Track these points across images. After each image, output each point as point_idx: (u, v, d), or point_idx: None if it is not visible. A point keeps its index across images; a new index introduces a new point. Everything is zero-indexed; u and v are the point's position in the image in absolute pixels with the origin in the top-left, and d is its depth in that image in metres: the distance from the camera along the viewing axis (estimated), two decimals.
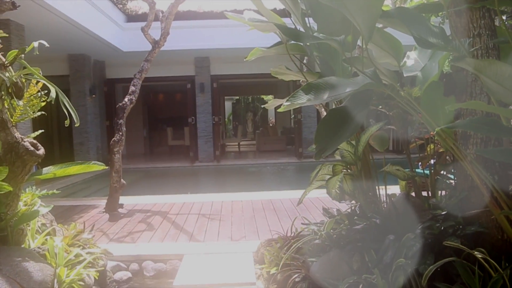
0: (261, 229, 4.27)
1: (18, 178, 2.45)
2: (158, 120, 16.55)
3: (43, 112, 2.97)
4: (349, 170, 2.84)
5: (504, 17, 3.11)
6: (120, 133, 5.13)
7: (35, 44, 2.37)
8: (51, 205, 2.84)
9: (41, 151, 2.50)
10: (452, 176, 2.65)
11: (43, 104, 2.95)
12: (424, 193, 2.79)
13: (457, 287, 1.88)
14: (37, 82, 2.87)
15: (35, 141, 2.54)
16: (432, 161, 2.83)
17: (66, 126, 2.57)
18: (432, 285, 1.90)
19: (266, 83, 16.41)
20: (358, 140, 2.66)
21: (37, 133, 3.02)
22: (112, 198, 5.11)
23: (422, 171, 2.96)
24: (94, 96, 10.89)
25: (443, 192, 2.67)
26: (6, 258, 2.19)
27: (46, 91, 2.73)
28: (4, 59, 2.29)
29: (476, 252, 1.87)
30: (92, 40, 8.82)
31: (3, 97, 2.31)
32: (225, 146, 15.08)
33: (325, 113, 5.13)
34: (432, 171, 2.71)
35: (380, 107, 2.83)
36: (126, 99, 5.24)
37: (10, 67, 2.33)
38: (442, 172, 2.74)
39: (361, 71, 2.00)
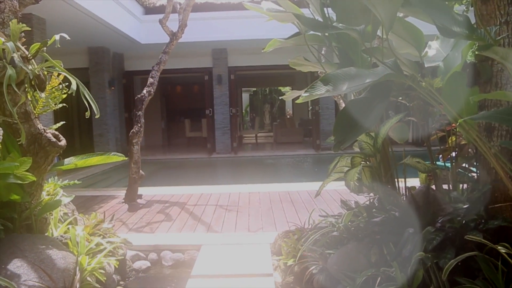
0: (279, 220, 4.28)
1: (41, 169, 2.51)
2: (175, 112, 16.67)
3: (64, 104, 3.03)
4: (368, 162, 2.80)
5: None
6: (139, 125, 5.19)
7: (57, 37, 2.40)
8: (72, 195, 2.91)
9: (63, 142, 2.55)
10: (474, 169, 2.59)
11: (64, 96, 3.01)
12: (445, 186, 2.73)
13: (479, 282, 1.85)
14: (59, 74, 2.92)
15: (57, 133, 2.59)
16: (453, 154, 2.77)
17: (86, 117, 2.61)
18: (452, 280, 1.87)
19: (284, 74, 16.32)
20: (378, 132, 2.62)
21: (58, 124, 3.09)
22: (131, 189, 5.20)
23: (443, 163, 2.90)
24: (113, 88, 11.05)
25: (465, 186, 2.62)
26: (31, 246, 2.26)
27: (67, 83, 2.78)
28: (27, 52, 2.33)
29: (499, 247, 1.83)
30: (111, 33, 8.92)
31: (26, 90, 2.36)
32: (242, 138, 15.12)
33: (343, 105, 5.07)
34: (454, 163, 2.65)
35: (400, 98, 2.77)
36: (144, 91, 5.29)
37: (33, 60, 2.38)
38: (463, 165, 2.68)
39: (381, 62, 1.95)
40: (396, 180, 2.82)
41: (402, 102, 2.79)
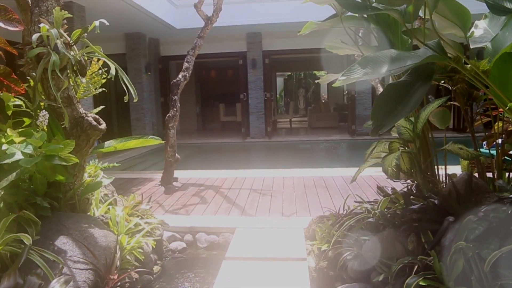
0: (312, 205, 4.26)
1: (83, 151, 2.62)
2: (210, 97, 16.82)
3: (103, 89, 3.12)
4: (406, 148, 2.72)
5: None
6: (175, 109, 5.28)
7: (96, 23, 2.46)
8: (112, 177, 3.01)
9: (103, 125, 2.64)
10: None
11: (103, 81, 3.11)
12: (489, 175, 2.61)
13: None
14: (98, 60, 3.01)
15: (97, 116, 2.68)
16: (499, 140, 2.63)
17: (125, 102, 2.68)
18: (495, 272, 1.80)
19: (319, 58, 15.98)
20: (418, 117, 2.52)
21: (98, 108, 3.19)
22: (167, 172, 5.33)
23: (487, 150, 2.76)
24: (149, 73, 11.27)
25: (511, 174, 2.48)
26: (75, 224, 2.37)
27: (106, 69, 2.86)
28: (69, 39, 2.41)
29: None
30: (147, 18, 9.05)
31: (69, 75, 2.44)
32: (276, 122, 15.07)
33: (381, 89, 4.92)
34: (499, 151, 2.52)
35: (442, 82, 2.65)
36: (180, 76, 5.36)
37: (74, 46, 2.45)
38: (510, 152, 2.54)
39: (423, 43, 1.87)
40: (436, 167, 2.73)
41: (443, 86, 2.67)
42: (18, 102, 2.50)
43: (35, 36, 2.23)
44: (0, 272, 1.84)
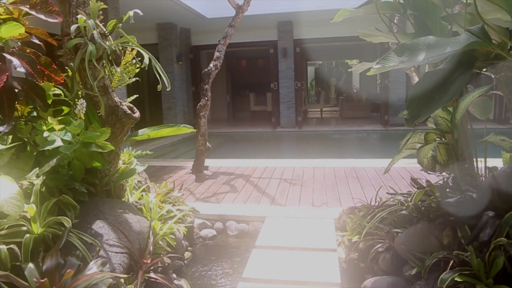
0: (343, 196, 4.21)
1: (118, 139, 2.69)
2: (240, 86, 16.83)
3: (137, 78, 3.18)
4: (443, 139, 2.62)
5: None
6: (206, 98, 5.32)
7: (131, 13, 2.50)
8: (145, 165, 3.09)
9: (137, 114, 2.69)
10: None
11: (137, 70, 3.16)
12: None
13: None
14: (132, 50, 3.06)
15: (131, 105, 2.74)
16: None
17: (157, 91, 2.73)
18: None
19: (351, 46, 15.65)
20: (456, 107, 2.42)
21: (132, 97, 3.26)
22: (198, 160, 5.40)
23: None
24: (180, 63, 11.40)
25: None
26: (111, 209, 2.45)
27: (139, 58, 2.91)
28: (105, 29, 2.46)
29: None
30: (179, 8, 9.12)
31: (104, 65, 2.50)
32: (307, 112, 14.93)
33: (416, 78, 4.76)
34: None
35: (484, 69, 2.52)
36: (211, 65, 5.39)
37: (109, 36, 2.51)
38: None
39: (465, 29, 1.78)
40: (474, 159, 2.62)
41: (484, 74, 2.54)
42: (58, 91, 2.60)
43: (73, 27, 2.29)
44: (44, 252, 1.93)
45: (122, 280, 2.07)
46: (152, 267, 2.36)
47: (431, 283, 1.99)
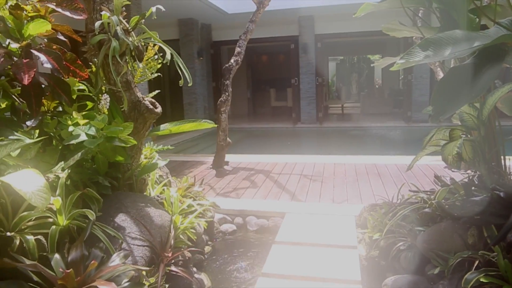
0: (364, 193, 4.16)
1: (140, 134, 2.73)
2: (261, 81, 16.81)
3: (159, 74, 3.22)
4: (469, 136, 2.55)
5: None
6: (227, 94, 5.34)
7: (153, 9, 2.52)
8: (167, 159, 3.12)
9: (159, 109, 2.73)
10: None
11: (159, 66, 3.20)
12: None
13: None
14: (154, 45, 3.10)
15: (153, 100, 2.77)
16: None
17: (178, 86, 2.75)
18: None
19: (374, 41, 15.40)
20: (484, 103, 2.35)
21: (154, 93, 3.30)
22: (219, 156, 5.44)
23: None
24: (201, 58, 11.46)
25: None
26: (133, 203, 2.50)
27: (161, 54, 2.94)
28: (128, 25, 2.50)
29: None
30: (200, 4, 9.16)
31: (127, 60, 2.54)
32: (328, 108, 14.79)
33: (441, 73, 4.64)
34: None
35: None
36: (232, 60, 5.40)
37: (132, 32, 2.54)
38: None
39: (495, 21, 1.72)
40: (502, 157, 2.54)
41: None
42: (82, 86, 2.65)
43: (97, 24, 2.33)
44: (69, 243, 1.98)
45: (144, 273, 2.11)
46: (173, 261, 2.39)
47: (455, 283, 1.95)
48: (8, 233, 1.82)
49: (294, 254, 2.77)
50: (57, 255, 1.83)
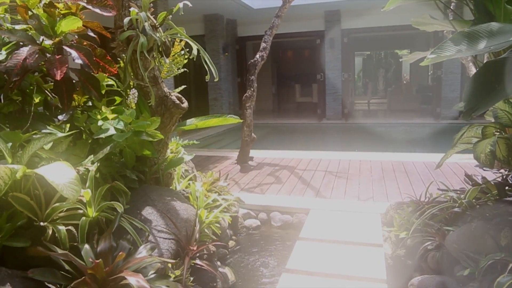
0: (391, 191, 4.08)
1: (167, 128, 2.76)
2: (286, 77, 16.73)
3: (185, 69, 3.25)
4: (504, 134, 2.45)
5: None
6: (252, 89, 5.34)
7: (180, 5, 2.55)
8: (193, 154, 3.16)
9: (185, 104, 2.75)
10: None
11: (185, 61, 3.23)
12: None
13: None
14: (180, 41, 3.13)
15: (180, 95, 2.80)
16: None
17: (203, 82, 2.77)
18: None
19: (402, 36, 15.03)
20: None
21: (180, 88, 3.34)
22: (243, 151, 5.45)
23: None
24: (227, 54, 11.50)
25: None
26: (159, 196, 2.54)
27: (187, 50, 2.97)
28: (155, 21, 2.53)
29: None
30: None
31: (154, 56, 2.58)
32: (353, 104, 14.58)
33: (473, 68, 4.49)
34: None
35: None
36: (257, 56, 5.39)
37: (159, 28, 2.57)
38: None
39: None
40: None
41: None
42: (110, 82, 2.71)
43: (126, 20, 2.37)
44: (98, 234, 2.04)
45: (170, 265, 2.14)
46: (198, 254, 2.42)
47: (486, 285, 1.89)
48: (42, 223, 1.89)
49: (318, 251, 2.75)
50: (87, 246, 1.89)
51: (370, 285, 2.31)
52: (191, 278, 2.27)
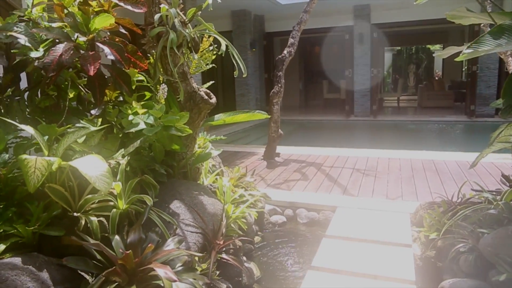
0: (421, 190, 3.98)
1: (195, 123, 2.79)
2: (313, 73, 16.55)
3: (213, 65, 3.27)
4: None
5: None
6: (279, 85, 5.31)
7: (209, 1, 2.56)
8: (220, 149, 3.18)
9: (213, 100, 2.77)
10: None
11: (213, 57, 3.25)
12: None
13: None
14: (209, 37, 3.15)
15: (208, 91, 2.82)
16: None
17: (231, 77, 2.78)
18: None
19: (435, 30, 14.58)
20: None
21: (209, 84, 3.36)
22: (270, 147, 5.45)
23: None
24: (254, 50, 11.50)
25: None
26: (187, 191, 2.57)
27: (215, 45, 2.98)
28: (184, 18, 2.55)
29: None
30: None
31: (184, 52, 2.60)
32: (382, 100, 14.27)
33: None
34: None
35: None
36: (285, 51, 5.35)
37: (189, 24, 2.60)
38: None
39: None
40: None
41: None
42: (140, 77, 2.76)
43: (156, 16, 2.41)
44: (128, 226, 2.09)
45: (196, 258, 2.17)
46: (224, 248, 2.44)
47: None
48: (75, 214, 1.95)
49: (345, 249, 2.71)
50: (117, 237, 1.94)
51: (398, 286, 2.26)
52: (217, 272, 2.30)
